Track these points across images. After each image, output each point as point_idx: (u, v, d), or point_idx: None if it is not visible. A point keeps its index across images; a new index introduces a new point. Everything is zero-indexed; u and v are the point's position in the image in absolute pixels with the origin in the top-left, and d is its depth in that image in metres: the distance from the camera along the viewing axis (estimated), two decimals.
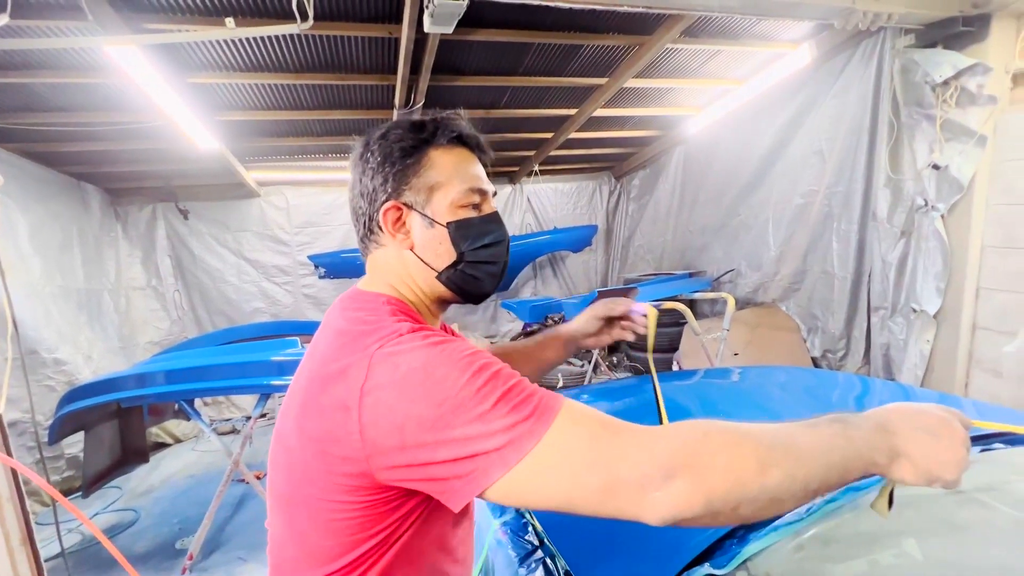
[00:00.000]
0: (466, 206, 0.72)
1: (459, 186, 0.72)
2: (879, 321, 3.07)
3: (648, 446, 0.52)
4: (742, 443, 0.51)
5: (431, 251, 0.72)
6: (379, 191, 0.72)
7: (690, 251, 5.18)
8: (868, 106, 3.00)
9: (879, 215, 2.94)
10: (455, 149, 0.74)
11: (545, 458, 0.52)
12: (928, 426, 0.55)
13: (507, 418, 0.53)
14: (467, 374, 0.55)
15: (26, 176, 3.73)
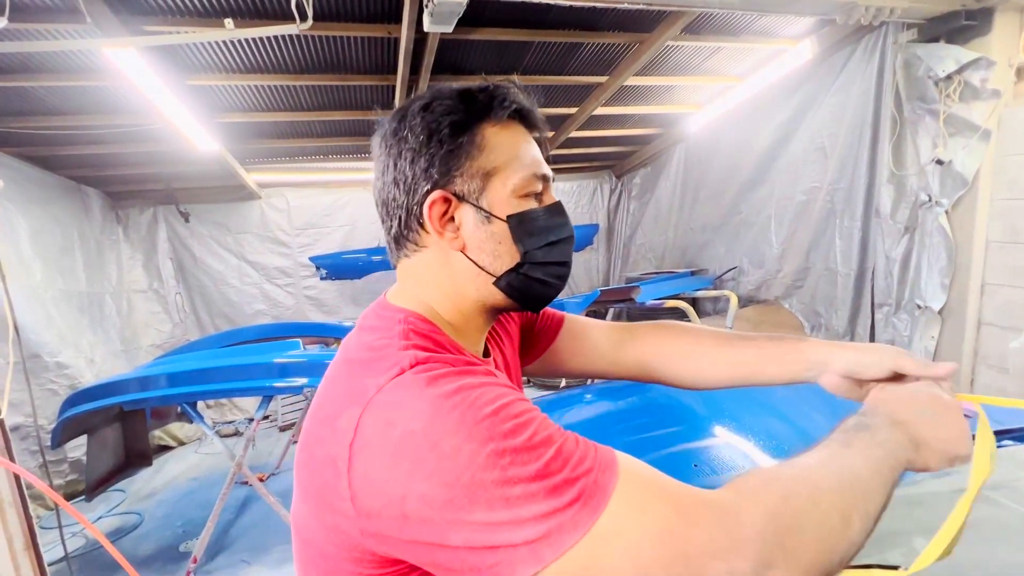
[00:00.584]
0: (528, 196, 0.58)
1: (521, 172, 0.58)
2: (883, 318, 3.05)
3: (734, 532, 0.41)
4: (820, 499, 0.45)
5: (488, 252, 0.58)
6: (421, 178, 0.57)
7: (691, 249, 5.17)
8: (870, 102, 2.98)
9: (882, 211, 2.91)
10: (512, 126, 0.59)
11: (596, 554, 0.40)
12: (927, 408, 0.55)
13: (543, 503, 0.40)
14: (488, 446, 0.42)
15: (26, 180, 3.73)
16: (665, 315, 4.53)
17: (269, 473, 3.92)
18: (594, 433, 1.50)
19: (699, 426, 1.74)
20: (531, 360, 0.86)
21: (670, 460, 1.46)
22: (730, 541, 0.41)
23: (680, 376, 0.81)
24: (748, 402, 1.77)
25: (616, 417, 1.98)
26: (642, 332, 0.85)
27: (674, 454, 1.55)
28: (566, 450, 0.44)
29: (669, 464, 1.38)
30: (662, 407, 1.90)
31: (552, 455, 0.43)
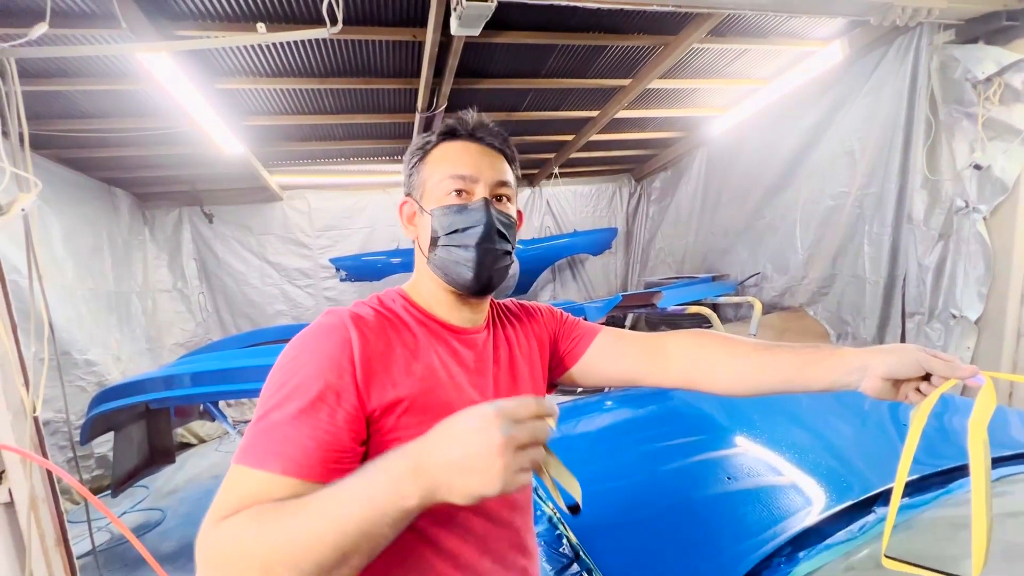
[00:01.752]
0: (450, 193, 0.75)
1: (440, 174, 0.76)
2: (915, 327, 2.96)
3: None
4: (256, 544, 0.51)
5: (423, 238, 0.78)
6: (404, 189, 0.83)
7: (712, 254, 5.09)
8: (903, 105, 2.90)
9: (915, 217, 2.84)
10: (452, 143, 0.78)
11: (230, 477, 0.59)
12: (462, 442, 0.49)
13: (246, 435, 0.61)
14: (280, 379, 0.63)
15: (60, 182, 3.84)
16: (686, 321, 4.46)
17: None
18: (615, 440, 1.47)
19: (723, 435, 1.69)
20: (569, 365, 0.92)
21: (698, 469, 1.43)
22: None
23: (725, 383, 0.83)
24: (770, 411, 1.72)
25: (637, 424, 1.95)
26: (682, 340, 0.88)
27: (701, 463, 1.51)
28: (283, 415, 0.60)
29: (698, 473, 1.35)
30: (683, 415, 1.86)
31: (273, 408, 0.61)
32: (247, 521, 0.52)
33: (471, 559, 0.71)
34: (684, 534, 1.08)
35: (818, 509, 1.04)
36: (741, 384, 0.82)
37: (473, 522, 0.72)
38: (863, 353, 0.72)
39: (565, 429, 1.88)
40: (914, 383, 0.70)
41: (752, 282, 4.43)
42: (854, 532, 0.97)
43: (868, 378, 0.70)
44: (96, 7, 2.10)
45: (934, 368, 0.67)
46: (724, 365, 0.83)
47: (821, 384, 0.75)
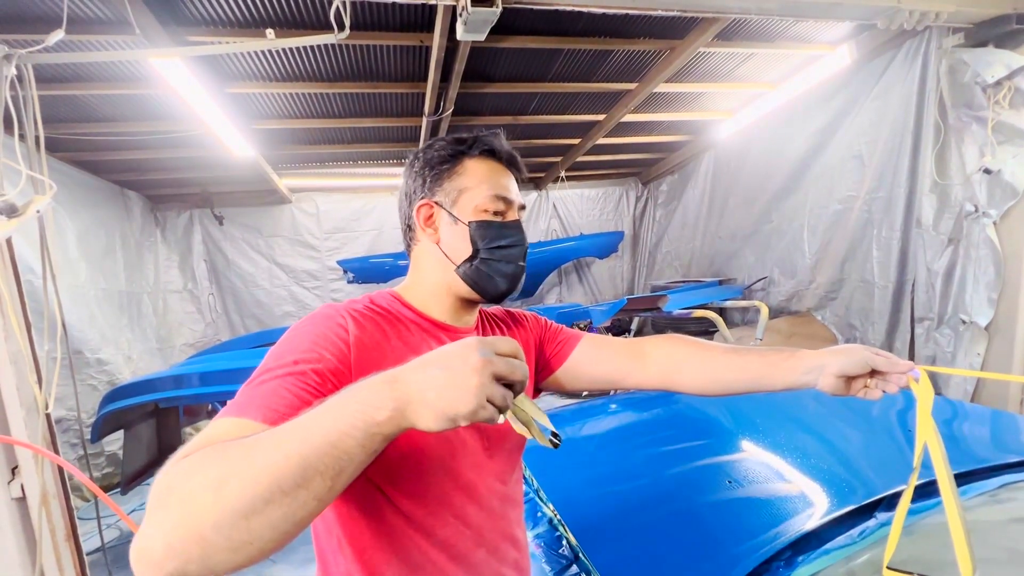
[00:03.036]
0: (489, 211, 0.77)
1: (486, 191, 0.77)
2: (924, 332, 2.93)
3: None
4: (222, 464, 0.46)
5: (452, 246, 0.78)
6: (417, 192, 0.80)
7: (719, 258, 5.07)
8: (912, 109, 2.88)
9: (924, 222, 2.81)
10: (488, 161, 0.80)
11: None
12: (441, 362, 0.49)
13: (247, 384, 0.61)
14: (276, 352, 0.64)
15: (75, 184, 3.91)
16: (692, 325, 4.44)
17: None
18: (617, 444, 1.47)
19: (726, 440, 1.69)
20: (554, 368, 0.95)
21: (699, 473, 1.42)
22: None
23: (697, 383, 0.89)
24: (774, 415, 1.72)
25: (641, 428, 1.94)
26: (659, 343, 0.94)
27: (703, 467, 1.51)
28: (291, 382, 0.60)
29: (699, 477, 1.34)
30: (688, 419, 1.85)
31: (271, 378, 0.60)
32: (209, 449, 0.48)
33: (465, 549, 0.73)
34: (683, 536, 1.08)
35: (819, 513, 1.04)
36: (712, 384, 0.88)
37: (468, 512, 0.74)
38: (818, 354, 0.80)
39: (569, 432, 1.89)
40: (863, 379, 0.78)
41: (759, 286, 4.40)
42: (854, 537, 0.97)
43: (823, 376, 0.78)
44: (111, 13, 2.15)
45: (878, 365, 0.76)
46: (697, 367, 0.89)
47: (783, 383, 0.82)
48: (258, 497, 0.44)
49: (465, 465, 0.74)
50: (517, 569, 0.82)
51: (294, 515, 0.45)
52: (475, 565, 0.74)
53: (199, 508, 0.44)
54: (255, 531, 0.44)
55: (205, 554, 0.43)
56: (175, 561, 0.43)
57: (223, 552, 0.43)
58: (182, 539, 0.43)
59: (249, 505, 0.43)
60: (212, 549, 0.43)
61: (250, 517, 0.43)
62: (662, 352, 0.91)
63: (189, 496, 0.44)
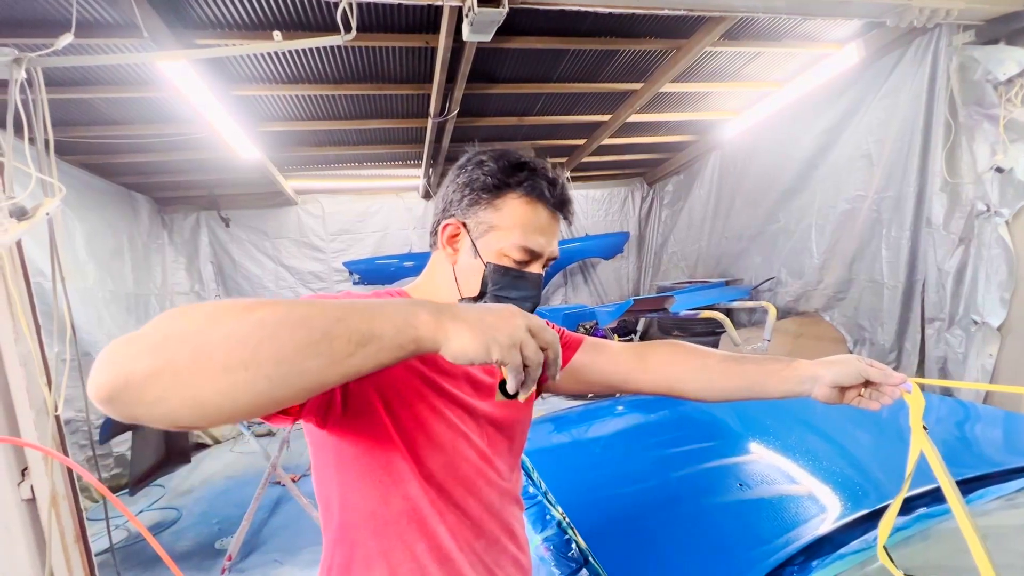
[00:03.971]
0: (512, 259, 0.74)
1: (515, 239, 0.73)
2: (934, 333, 2.90)
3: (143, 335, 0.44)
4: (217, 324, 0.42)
5: (464, 277, 0.76)
6: (452, 205, 0.77)
7: (726, 258, 5.04)
8: (921, 107, 2.85)
9: (934, 221, 2.78)
10: (535, 204, 0.75)
11: None
12: (487, 306, 0.53)
13: None
14: None
15: (84, 186, 3.94)
16: (699, 326, 4.42)
17: (301, 474, 3.99)
18: (626, 445, 1.46)
19: (735, 442, 1.68)
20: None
21: (709, 475, 1.41)
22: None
23: (695, 389, 0.90)
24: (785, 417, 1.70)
25: (648, 430, 1.93)
26: (659, 349, 0.94)
27: (713, 469, 1.49)
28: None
29: (709, 480, 1.33)
30: (695, 421, 1.84)
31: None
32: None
33: (468, 537, 0.74)
34: (693, 540, 1.07)
35: (833, 518, 1.02)
36: (709, 391, 0.89)
37: (468, 503, 0.74)
38: (814, 365, 0.82)
39: (577, 433, 1.88)
40: (856, 389, 0.81)
41: (766, 287, 4.37)
42: (868, 542, 0.95)
43: (818, 386, 0.81)
44: (119, 17, 2.17)
45: (871, 376, 0.79)
46: (695, 374, 0.90)
47: (779, 392, 0.85)
48: (284, 324, 0.42)
49: (467, 456, 0.75)
50: (517, 565, 0.82)
51: (303, 361, 0.42)
52: (477, 552, 0.75)
53: (214, 319, 0.41)
54: (260, 356, 0.41)
55: (192, 365, 0.40)
56: (148, 367, 0.39)
57: (212, 369, 0.40)
58: (176, 343, 0.40)
59: (271, 328, 0.41)
60: (203, 361, 0.40)
61: (264, 341, 0.41)
62: (661, 358, 0.91)
63: (208, 311, 0.42)
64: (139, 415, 0.40)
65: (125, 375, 0.39)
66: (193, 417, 0.41)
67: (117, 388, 0.39)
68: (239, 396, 0.41)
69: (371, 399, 0.66)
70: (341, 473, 0.70)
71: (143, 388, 0.39)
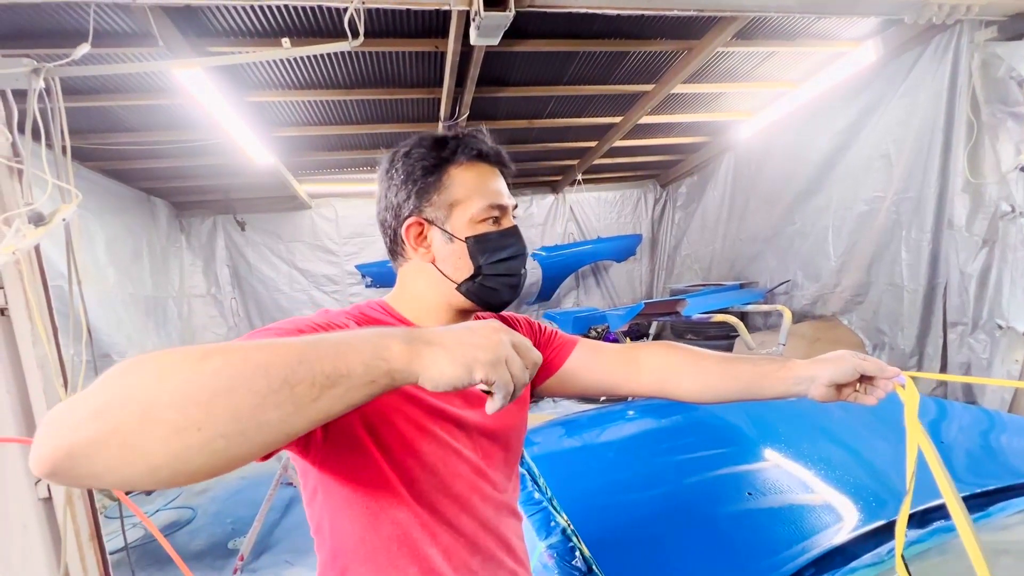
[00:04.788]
0: (485, 220, 0.74)
1: (479, 203, 0.73)
2: (957, 338, 2.81)
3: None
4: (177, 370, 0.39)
5: (451, 264, 0.74)
6: (403, 207, 0.75)
7: (740, 261, 4.97)
8: (942, 105, 2.78)
9: (956, 223, 2.71)
10: (476, 165, 0.75)
11: None
12: (464, 325, 0.50)
13: None
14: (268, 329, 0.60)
15: (104, 192, 4.04)
16: (713, 329, 4.35)
17: None
18: (636, 451, 1.43)
19: (748, 448, 1.64)
20: (547, 375, 0.93)
21: (719, 483, 1.38)
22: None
23: (690, 390, 0.89)
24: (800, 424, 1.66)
25: (660, 435, 1.90)
26: (654, 351, 0.93)
27: (722, 477, 1.46)
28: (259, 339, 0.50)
29: (719, 487, 1.30)
30: (708, 427, 1.81)
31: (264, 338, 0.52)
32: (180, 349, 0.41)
33: (463, 557, 0.72)
34: (701, 551, 1.04)
35: (845, 529, 0.99)
36: (705, 393, 0.88)
37: (461, 521, 0.72)
38: (809, 365, 0.80)
39: (586, 438, 1.86)
40: (852, 385, 0.79)
41: (782, 290, 4.30)
42: (882, 556, 0.92)
43: (815, 386, 0.79)
44: (136, 27, 2.22)
45: (867, 370, 0.77)
46: (690, 375, 0.88)
47: (775, 392, 0.83)
48: (237, 375, 0.38)
49: (459, 473, 0.73)
50: None
51: (262, 414, 0.39)
52: (473, 570, 0.73)
53: (161, 374, 0.37)
54: (214, 413, 0.37)
55: (140, 429, 0.36)
56: (92, 435, 0.35)
57: (161, 432, 0.36)
58: (121, 405, 0.36)
59: (226, 381, 0.38)
60: (151, 424, 0.36)
61: (218, 395, 0.38)
62: (656, 360, 0.90)
63: (157, 364, 0.38)
64: (88, 484, 0.38)
65: (67, 446, 0.35)
66: (148, 483, 0.38)
67: (59, 460, 0.35)
68: (193, 458, 0.38)
69: (353, 424, 0.63)
70: (328, 499, 0.68)
71: (89, 458, 0.36)
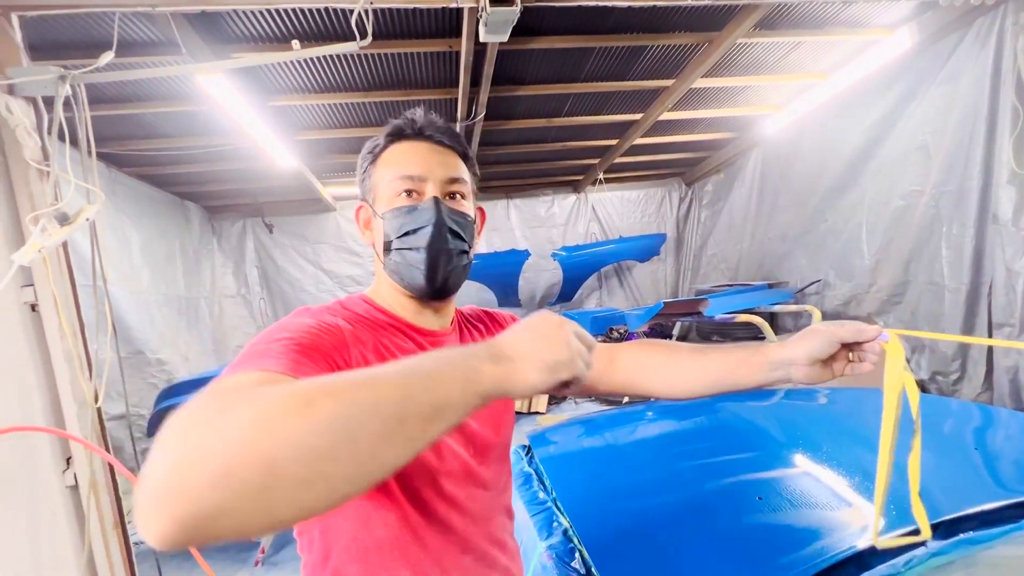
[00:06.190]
0: (400, 194, 0.74)
1: (391, 175, 0.74)
2: (1004, 340, 2.63)
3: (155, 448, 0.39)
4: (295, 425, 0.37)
5: (379, 242, 0.76)
6: (359, 194, 0.81)
7: (769, 260, 4.80)
8: (985, 92, 2.62)
9: (1001, 217, 2.54)
10: (401, 143, 0.76)
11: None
12: (526, 327, 0.52)
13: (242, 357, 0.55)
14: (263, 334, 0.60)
15: (139, 196, 4.22)
16: (738, 330, 4.22)
17: None
18: (654, 455, 1.38)
19: (773, 453, 1.57)
20: None
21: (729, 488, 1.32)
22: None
23: (662, 387, 0.86)
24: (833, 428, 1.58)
25: (679, 438, 1.85)
26: (629, 348, 0.91)
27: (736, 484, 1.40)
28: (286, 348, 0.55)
29: (731, 495, 1.25)
30: (732, 430, 1.74)
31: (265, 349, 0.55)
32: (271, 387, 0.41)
33: (454, 556, 0.72)
34: (704, 559, 1.00)
35: (864, 539, 0.93)
36: (677, 387, 0.85)
37: (452, 519, 0.71)
38: (782, 347, 0.74)
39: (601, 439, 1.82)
40: (842, 359, 0.73)
41: (812, 290, 4.13)
42: (898, 567, 0.86)
43: (796, 369, 0.72)
44: (160, 36, 2.30)
45: (845, 337, 0.70)
46: (661, 371, 0.86)
47: (753, 381, 0.77)
48: (353, 421, 0.38)
49: (451, 472, 0.72)
50: (507, 574, 0.79)
51: (382, 454, 0.39)
52: (464, 569, 0.73)
53: (273, 429, 0.36)
54: (339, 461, 0.37)
55: (266, 489, 0.35)
56: (218, 503, 0.34)
57: (289, 489, 0.35)
58: (244, 466, 0.34)
59: (343, 428, 0.37)
60: (278, 483, 0.35)
61: (339, 445, 0.37)
62: (629, 357, 0.88)
63: (258, 414, 0.37)
64: (210, 542, 0.36)
65: (191, 518, 0.34)
66: (270, 530, 0.38)
67: (181, 533, 0.34)
68: (319, 504, 0.37)
69: None
70: None
71: (215, 524, 0.34)
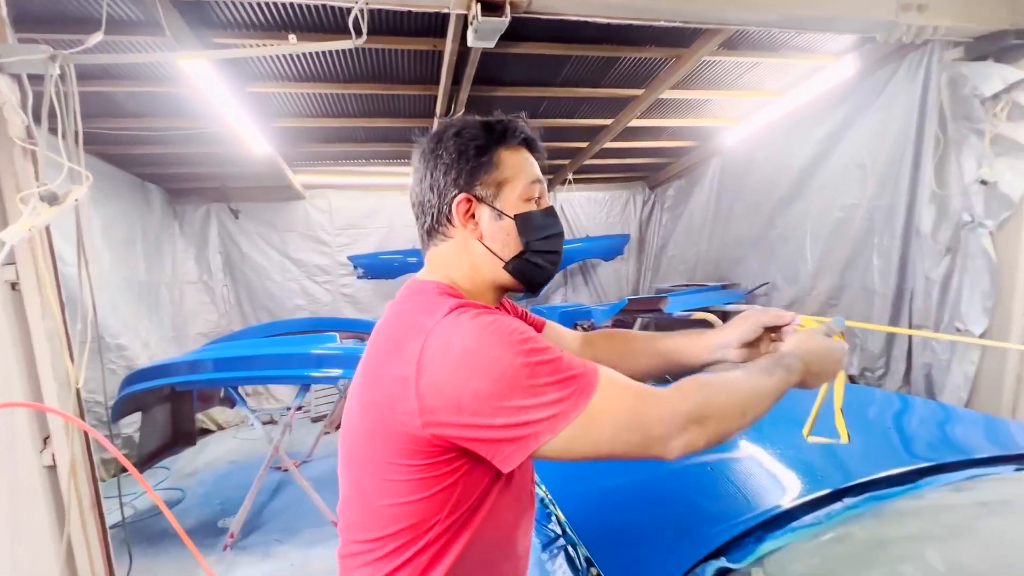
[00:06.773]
0: (529, 200, 0.79)
1: (524, 182, 0.78)
2: (921, 340, 2.97)
3: (672, 408, 0.66)
4: (732, 396, 0.71)
5: (499, 241, 0.78)
6: (451, 185, 0.77)
7: (724, 263, 5.12)
8: (914, 119, 2.93)
9: (923, 231, 2.86)
10: (520, 150, 0.80)
11: (589, 423, 0.63)
12: (820, 349, 0.84)
13: (557, 392, 0.63)
14: (518, 353, 0.62)
15: (101, 176, 4.06)
16: (693, 327, 4.50)
17: (301, 461, 4.11)
18: None
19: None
20: None
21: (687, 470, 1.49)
22: (670, 412, 0.65)
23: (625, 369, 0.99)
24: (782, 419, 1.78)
25: None
26: (595, 338, 1.07)
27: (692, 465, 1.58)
28: (567, 359, 0.66)
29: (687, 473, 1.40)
30: None
31: (560, 362, 0.65)
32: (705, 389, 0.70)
33: (511, 532, 0.83)
34: (664, 517, 1.17)
35: (791, 498, 1.12)
36: (635, 369, 0.98)
37: (511, 549, 0.83)
38: (720, 332, 0.96)
39: None
40: (765, 340, 0.95)
41: (761, 291, 4.45)
42: (820, 518, 1.04)
43: (730, 350, 0.94)
44: (143, 16, 2.28)
45: (767, 322, 0.93)
46: (618, 356, 1.00)
47: (700, 361, 0.97)
48: (755, 407, 0.73)
49: (527, 511, 0.87)
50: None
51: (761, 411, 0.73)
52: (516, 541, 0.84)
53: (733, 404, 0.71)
54: (748, 410, 0.72)
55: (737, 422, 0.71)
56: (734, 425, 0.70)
57: (740, 422, 0.71)
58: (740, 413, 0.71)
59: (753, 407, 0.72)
60: (740, 420, 0.71)
61: (749, 410, 0.72)
62: (601, 344, 1.04)
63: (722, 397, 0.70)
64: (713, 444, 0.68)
65: (724, 432, 0.69)
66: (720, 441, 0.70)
67: (719, 438, 0.69)
68: (738, 429, 0.71)
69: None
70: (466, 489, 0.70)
71: (726, 434, 0.70)
